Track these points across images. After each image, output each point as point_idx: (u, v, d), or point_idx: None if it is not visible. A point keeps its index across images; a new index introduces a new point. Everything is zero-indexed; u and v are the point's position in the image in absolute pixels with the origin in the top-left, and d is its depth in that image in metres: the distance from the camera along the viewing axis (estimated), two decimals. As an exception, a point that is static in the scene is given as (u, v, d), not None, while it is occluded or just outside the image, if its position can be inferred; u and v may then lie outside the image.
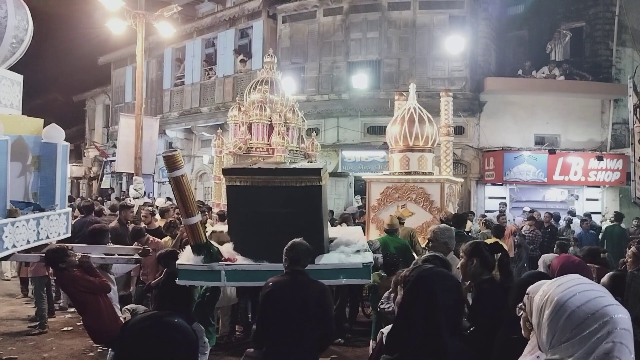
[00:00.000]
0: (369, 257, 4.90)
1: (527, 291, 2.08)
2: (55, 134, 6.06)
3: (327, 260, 4.76)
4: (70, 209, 6.63)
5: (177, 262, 4.79)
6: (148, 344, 1.43)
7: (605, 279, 3.97)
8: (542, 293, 1.44)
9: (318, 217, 4.86)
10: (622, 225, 11.29)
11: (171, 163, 4.41)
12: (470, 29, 15.13)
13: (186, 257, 4.80)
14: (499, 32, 16.52)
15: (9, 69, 6.08)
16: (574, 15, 16.55)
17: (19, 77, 6.07)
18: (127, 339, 1.49)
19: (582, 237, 10.83)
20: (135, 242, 6.67)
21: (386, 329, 2.78)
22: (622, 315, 1.32)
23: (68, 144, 6.38)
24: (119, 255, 6.00)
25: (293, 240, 3.94)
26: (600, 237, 11.39)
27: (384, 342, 2.15)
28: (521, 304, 2.07)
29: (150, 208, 9.44)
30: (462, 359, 2.13)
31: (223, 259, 4.68)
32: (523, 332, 2.06)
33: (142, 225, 7.99)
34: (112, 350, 5.02)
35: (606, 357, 1.27)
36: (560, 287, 1.40)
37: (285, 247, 3.92)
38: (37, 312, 7.87)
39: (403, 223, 7.76)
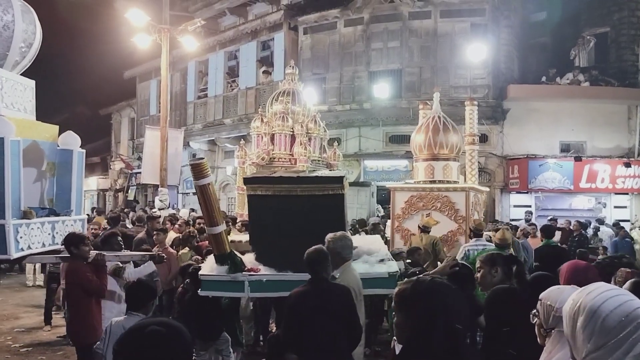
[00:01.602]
0: (394, 266, 4.89)
1: (540, 297, 2.08)
2: (71, 140, 6.19)
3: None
4: (86, 215, 6.72)
5: (200, 272, 4.81)
6: (140, 341, 1.45)
7: (627, 285, 3.89)
8: (572, 302, 1.47)
9: (342, 225, 4.84)
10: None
11: (198, 171, 4.46)
12: (492, 37, 15.05)
13: (209, 267, 4.81)
14: (521, 39, 16.39)
15: (22, 74, 6.20)
16: (598, 21, 16.34)
17: (31, 82, 6.15)
18: (122, 340, 1.52)
19: (617, 245, 10.62)
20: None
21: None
22: None
23: (84, 151, 6.50)
24: (133, 260, 5.98)
25: (310, 248, 3.89)
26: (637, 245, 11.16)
27: None
28: (535, 310, 2.06)
29: (185, 219, 9.57)
30: None
31: (246, 269, 4.70)
32: (538, 339, 2.05)
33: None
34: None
35: None
36: (590, 294, 1.44)
37: (304, 257, 3.87)
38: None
39: (429, 232, 7.72)
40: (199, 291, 4.75)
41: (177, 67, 21.13)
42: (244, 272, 4.63)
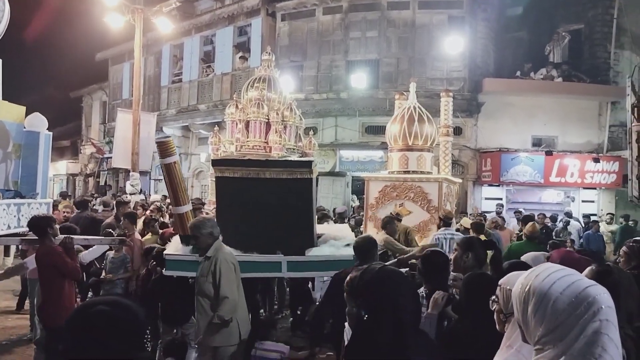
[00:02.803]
0: None
1: (499, 283, 2.07)
2: (38, 122, 6.05)
3: (319, 252, 4.77)
4: (51, 199, 6.57)
5: (165, 252, 4.79)
6: (87, 319, 1.44)
7: (587, 272, 3.95)
8: (522, 286, 1.44)
9: (309, 209, 4.90)
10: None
11: (164, 149, 4.45)
12: (469, 30, 15.13)
13: (174, 247, 4.80)
14: (497, 33, 16.52)
15: None
16: (573, 17, 16.57)
17: None
18: (71, 319, 1.50)
19: (589, 238, 10.86)
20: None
21: (348, 329, 2.78)
22: (603, 294, 1.35)
23: (51, 133, 6.36)
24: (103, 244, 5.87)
25: (360, 235, 4.00)
26: (617, 237, 11.50)
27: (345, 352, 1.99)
28: (494, 297, 2.05)
29: (157, 204, 9.43)
30: (430, 354, 2.08)
31: None
32: (497, 325, 2.04)
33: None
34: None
35: (595, 336, 1.31)
36: (538, 277, 1.41)
37: (354, 244, 4.06)
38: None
39: (400, 220, 7.72)
40: (163, 271, 4.72)
41: (151, 51, 20.71)
42: None
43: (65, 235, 5.00)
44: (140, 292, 5.75)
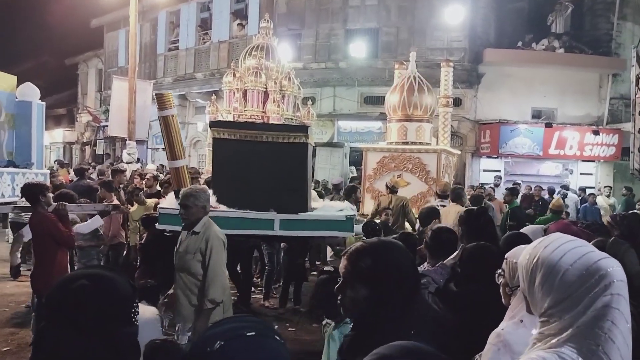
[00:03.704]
0: (351, 211, 5.14)
1: (505, 257, 2.05)
2: (30, 92, 6.01)
3: (311, 213, 4.88)
4: (49, 170, 6.55)
5: (159, 205, 4.82)
6: (68, 295, 1.38)
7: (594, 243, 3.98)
8: (530, 257, 1.39)
9: (303, 173, 4.99)
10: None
11: (162, 102, 4.52)
12: (470, -1, 14.87)
13: (169, 202, 4.85)
14: (499, 3, 16.23)
15: None
16: (576, -13, 16.28)
17: None
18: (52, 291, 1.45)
19: (586, 211, 10.87)
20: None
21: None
22: (615, 267, 1.31)
23: (44, 103, 6.32)
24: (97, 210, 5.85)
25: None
26: (620, 209, 11.50)
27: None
28: (500, 270, 2.04)
29: (154, 173, 9.39)
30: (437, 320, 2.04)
31: None
32: (503, 299, 2.03)
33: (145, 189, 7.92)
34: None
35: (605, 309, 1.27)
36: (548, 248, 1.36)
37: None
38: None
39: (396, 192, 7.70)
40: (156, 225, 4.75)
41: (147, 17, 20.35)
42: None
43: (59, 202, 4.97)
44: (140, 258, 5.74)
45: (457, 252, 3.13)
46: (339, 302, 1.62)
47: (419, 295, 1.75)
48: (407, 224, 7.32)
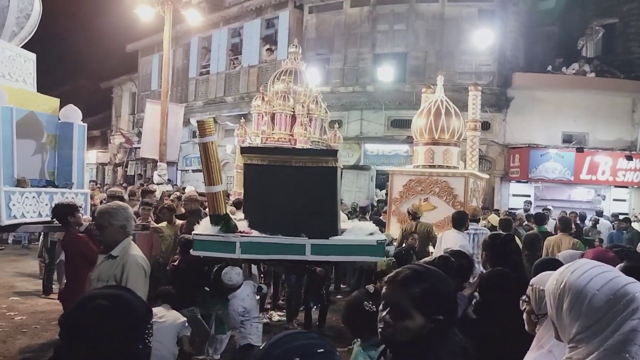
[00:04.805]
0: (382, 236, 5.09)
1: (530, 283, 2.01)
2: (72, 114, 6.18)
3: (342, 238, 4.88)
4: (89, 190, 6.70)
5: (194, 232, 4.88)
6: (85, 315, 1.41)
7: (619, 268, 3.88)
8: (557, 282, 1.40)
9: (333, 197, 4.98)
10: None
11: (203, 129, 4.63)
12: (499, 23, 14.87)
13: (203, 227, 4.90)
14: (528, 27, 16.19)
15: (23, 47, 6.16)
16: (607, 12, 16.13)
17: (32, 55, 6.17)
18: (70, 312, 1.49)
19: (613, 237, 10.57)
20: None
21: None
22: None
23: (85, 124, 6.50)
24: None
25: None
26: None
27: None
28: (524, 296, 2.00)
29: (177, 193, 9.54)
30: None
31: (239, 231, 4.75)
32: (527, 326, 1.99)
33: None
34: None
35: (632, 334, 1.27)
36: (574, 273, 1.37)
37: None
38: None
39: (419, 218, 7.58)
40: (191, 251, 4.80)
41: (180, 43, 20.92)
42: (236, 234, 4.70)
43: (90, 222, 5.05)
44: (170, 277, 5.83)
45: (475, 280, 3.10)
46: (381, 327, 1.57)
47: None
48: (430, 248, 7.24)
